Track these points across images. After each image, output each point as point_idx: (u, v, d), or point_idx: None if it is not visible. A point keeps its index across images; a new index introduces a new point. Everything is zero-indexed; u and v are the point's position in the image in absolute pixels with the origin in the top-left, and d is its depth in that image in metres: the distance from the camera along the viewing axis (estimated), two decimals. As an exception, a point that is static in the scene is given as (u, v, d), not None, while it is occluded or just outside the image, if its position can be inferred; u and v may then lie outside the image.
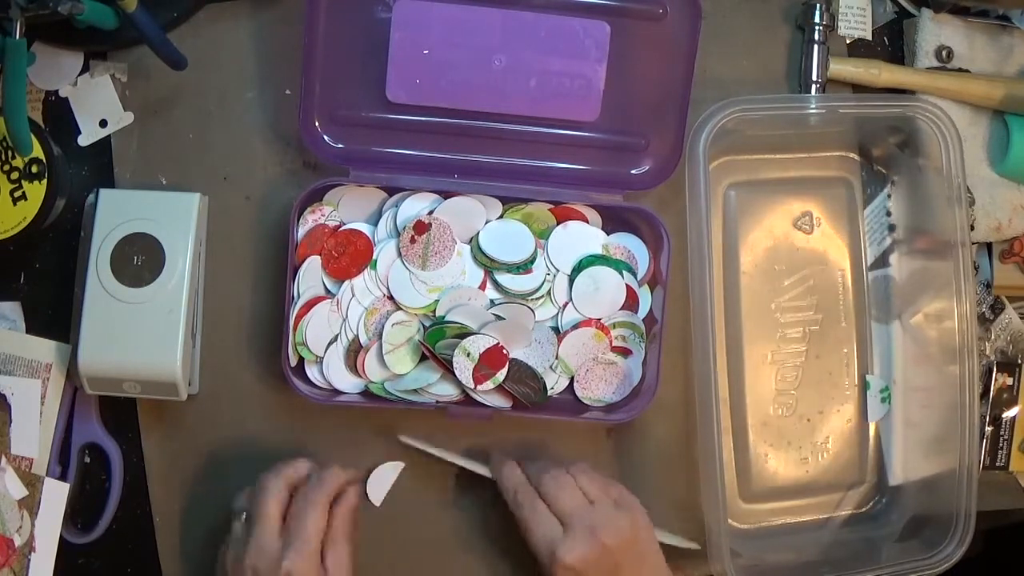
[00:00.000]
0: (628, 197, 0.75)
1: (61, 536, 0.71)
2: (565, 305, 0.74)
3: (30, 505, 0.70)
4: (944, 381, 0.78)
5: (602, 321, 0.74)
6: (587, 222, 0.76)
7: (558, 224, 0.75)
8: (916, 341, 0.81)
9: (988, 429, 0.84)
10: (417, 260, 0.72)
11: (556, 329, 0.75)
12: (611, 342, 0.74)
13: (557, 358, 0.74)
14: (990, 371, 0.84)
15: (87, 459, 0.74)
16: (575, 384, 0.75)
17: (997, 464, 0.84)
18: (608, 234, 0.76)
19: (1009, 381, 0.84)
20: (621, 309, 0.75)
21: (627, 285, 0.75)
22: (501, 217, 0.74)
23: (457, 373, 0.70)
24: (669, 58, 0.73)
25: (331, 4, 0.70)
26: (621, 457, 0.78)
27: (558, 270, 0.75)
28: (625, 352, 0.75)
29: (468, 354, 0.70)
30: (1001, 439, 0.84)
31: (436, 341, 0.71)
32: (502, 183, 0.74)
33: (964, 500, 0.75)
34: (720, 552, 0.71)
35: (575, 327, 0.74)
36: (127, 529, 0.74)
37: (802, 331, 0.81)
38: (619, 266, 0.75)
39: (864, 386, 0.82)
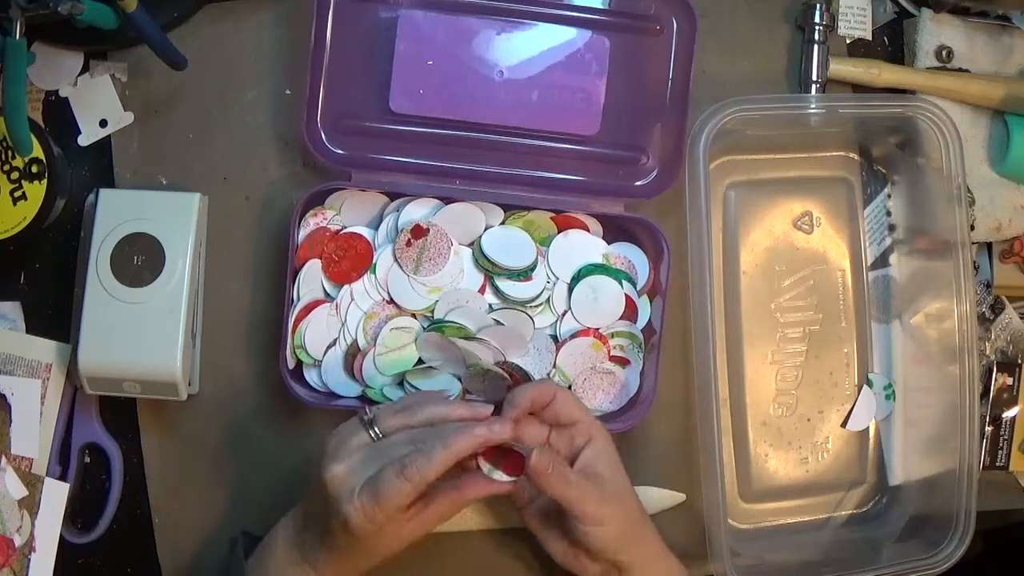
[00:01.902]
0: (629, 204, 0.75)
1: (61, 536, 0.71)
2: (564, 313, 0.74)
3: (30, 505, 0.70)
4: (944, 381, 0.78)
5: (600, 330, 0.74)
6: (588, 231, 0.76)
7: (559, 232, 0.75)
8: (916, 341, 0.81)
9: (988, 429, 0.84)
10: (410, 263, 0.72)
11: (555, 337, 0.75)
12: (609, 352, 0.74)
13: (555, 367, 0.74)
14: (990, 371, 0.84)
15: (87, 459, 0.74)
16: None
17: (997, 464, 0.84)
18: (609, 243, 0.76)
19: (1009, 381, 0.84)
20: (620, 319, 0.75)
21: (626, 295, 0.75)
22: (503, 224, 0.74)
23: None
24: (667, 72, 0.74)
25: (337, 15, 0.71)
26: (621, 457, 0.78)
27: (558, 278, 0.75)
28: (623, 362, 0.75)
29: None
30: (1001, 439, 0.84)
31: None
32: (503, 190, 0.74)
33: (964, 500, 0.75)
34: (720, 552, 0.71)
35: (573, 336, 0.74)
36: (127, 529, 0.74)
37: (802, 331, 0.81)
38: (619, 276, 0.74)
39: (865, 385, 0.82)
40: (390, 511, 0.58)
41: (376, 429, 0.62)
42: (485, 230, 0.74)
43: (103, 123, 0.74)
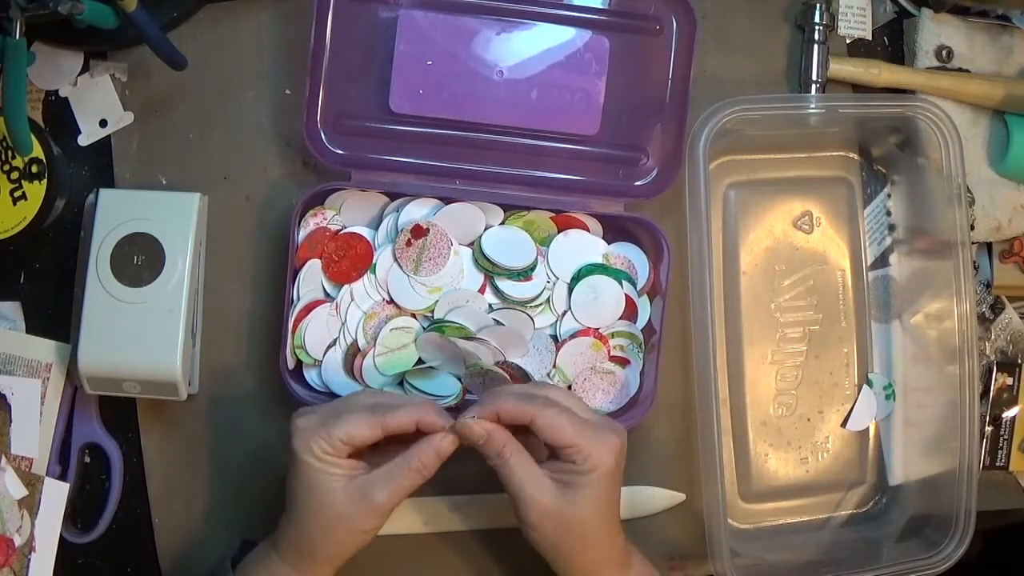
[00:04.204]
0: (629, 204, 0.75)
1: (61, 536, 0.71)
2: (564, 313, 0.74)
3: (30, 505, 0.70)
4: (944, 381, 0.78)
5: (600, 330, 0.74)
6: (588, 231, 0.76)
7: (559, 232, 0.75)
8: (916, 341, 0.81)
9: (988, 429, 0.84)
10: (410, 264, 0.72)
11: (555, 337, 0.75)
12: (609, 352, 0.74)
13: (555, 367, 0.74)
14: (990, 371, 0.84)
15: (87, 459, 0.74)
16: (572, 393, 0.75)
17: (997, 464, 0.84)
18: (609, 243, 0.76)
19: (1009, 381, 0.84)
20: (620, 319, 0.75)
21: (626, 295, 0.75)
22: (503, 224, 0.74)
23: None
24: (667, 72, 0.74)
25: (337, 15, 0.71)
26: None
27: (558, 278, 0.75)
28: (623, 362, 0.75)
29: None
30: (1001, 439, 0.84)
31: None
32: (503, 190, 0.74)
33: (964, 500, 0.75)
34: (720, 552, 0.71)
35: (573, 336, 0.74)
36: (127, 529, 0.74)
37: (802, 331, 0.81)
38: (619, 276, 0.74)
39: (865, 385, 0.82)
40: (336, 436, 0.60)
41: None
42: (485, 230, 0.74)
43: (103, 123, 0.74)
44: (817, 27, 0.79)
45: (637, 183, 0.76)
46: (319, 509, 0.62)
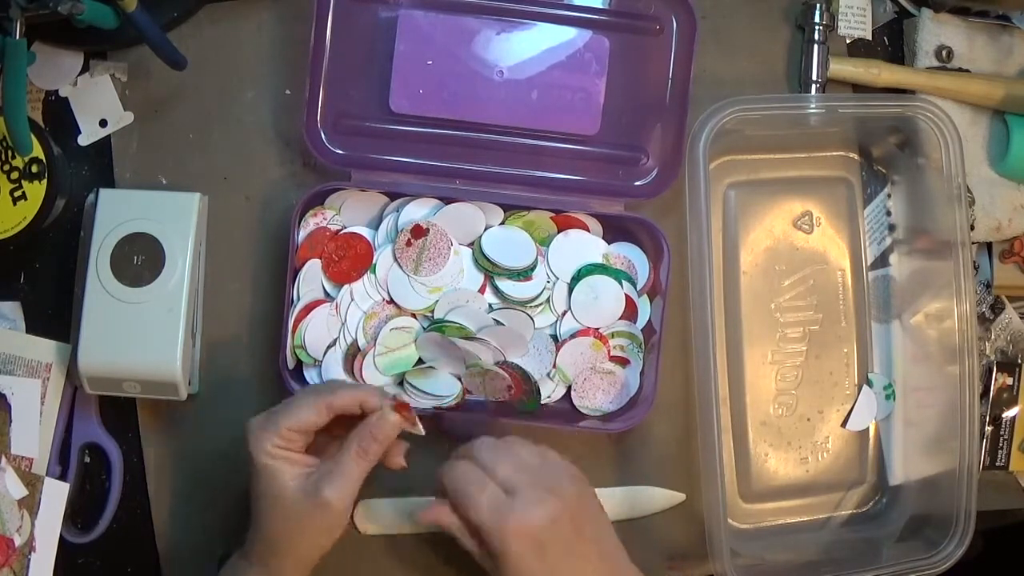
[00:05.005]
0: (629, 204, 0.75)
1: (61, 536, 0.71)
2: (564, 313, 0.74)
3: (30, 505, 0.70)
4: (944, 381, 0.78)
5: (600, 330, 0.74)
6: (588, 231, 0.76)
7: (559, 232, 0.75)
8: (916, 341, 0.81)
9: (988, 429, 0.84)
10: (410, 264, 0.72)
11: (555, 337, 0.75)
12: (609, 351, 0.74)
13: (555, 367, 0.74)
14: (990, 371, 0.84)
15: (87, 459, 0.74)
16: (572, 393, 0.75)
17: (997, 464, 0.84)
18: (609, 243, 0.76)
19: (1009, 381, 0.84)
20: (620, 319, 0.75)
21: (626, 295, 0.75)
22: (503, 224, 0.74)
23: None
24: (667, 72, 0.74)
25: (337, 15, 0.71)
26: (621, 457, 0.78)
27: (558, 278, 0.75)
28: (623, 362, 0.75)
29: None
30: (1001, 439, 0.84)
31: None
32: (503, 190, 0.74)
33: (964, 500, 0.75)
34: (720, 552, 0.71)
35: (573, 336, 0.74)
36: (127, 529, 0.74)
37: (802, 331, 0.81)
38: (619, 276, 0.74)
39: (865, 385, 0.82)
40: (283, 426, 0.61)
41: None
42: (485, 230, 0.74)
43: (103, 123, 0.74)
44: (817, 27, 0.79)
45: (637, 183, 0.76)
46: (277, 510, 0.62)
